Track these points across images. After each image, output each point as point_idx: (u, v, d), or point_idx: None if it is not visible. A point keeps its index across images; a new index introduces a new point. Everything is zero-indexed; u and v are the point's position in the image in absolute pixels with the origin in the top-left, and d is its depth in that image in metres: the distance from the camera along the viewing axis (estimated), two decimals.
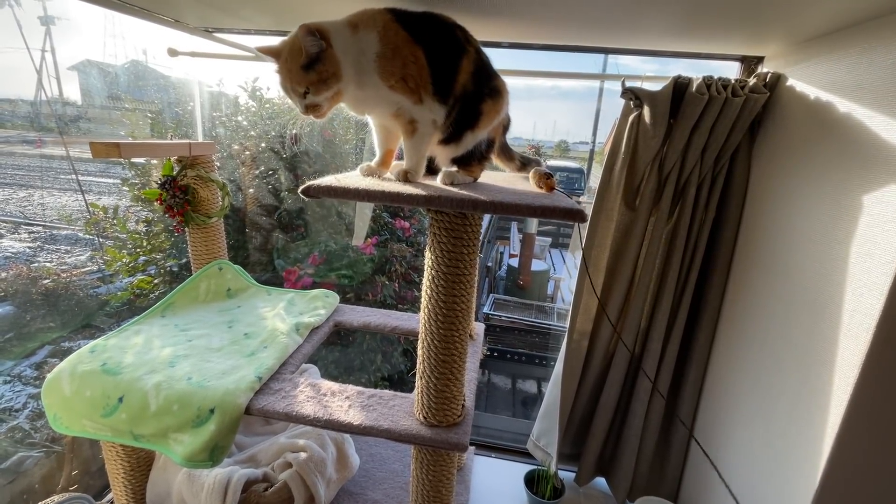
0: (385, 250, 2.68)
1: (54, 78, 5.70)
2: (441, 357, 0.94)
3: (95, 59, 5.71)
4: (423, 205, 0.83)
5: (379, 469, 1.50)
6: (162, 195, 1.30)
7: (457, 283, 0.90)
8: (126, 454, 1.16)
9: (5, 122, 7.50)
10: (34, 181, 8.36)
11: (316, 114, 0.88)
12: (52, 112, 6.38)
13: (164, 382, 1.01)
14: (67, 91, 5.30)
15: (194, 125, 2.08)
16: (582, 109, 13.83)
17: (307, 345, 1.26)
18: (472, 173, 1.00)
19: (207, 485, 1.12)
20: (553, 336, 4.41)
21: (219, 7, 1.23)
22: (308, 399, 1.03)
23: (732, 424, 1.24)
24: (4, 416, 2.64)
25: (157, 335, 1.21)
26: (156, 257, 2.64)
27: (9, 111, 6.55)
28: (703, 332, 1.37)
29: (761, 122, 1.23)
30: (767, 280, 1.15)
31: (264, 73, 2.46)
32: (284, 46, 0.83)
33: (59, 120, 5.89)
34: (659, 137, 1.24)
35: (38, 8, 5.07)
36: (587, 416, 1.53)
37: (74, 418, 1.02)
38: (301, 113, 0.88)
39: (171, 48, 1.49)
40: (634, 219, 1.35)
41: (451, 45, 0.89)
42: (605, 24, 1.11)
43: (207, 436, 0.95)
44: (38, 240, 6.46)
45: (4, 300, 3.59)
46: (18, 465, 2.51)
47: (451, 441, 0.94)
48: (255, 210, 2.32)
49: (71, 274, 4.42)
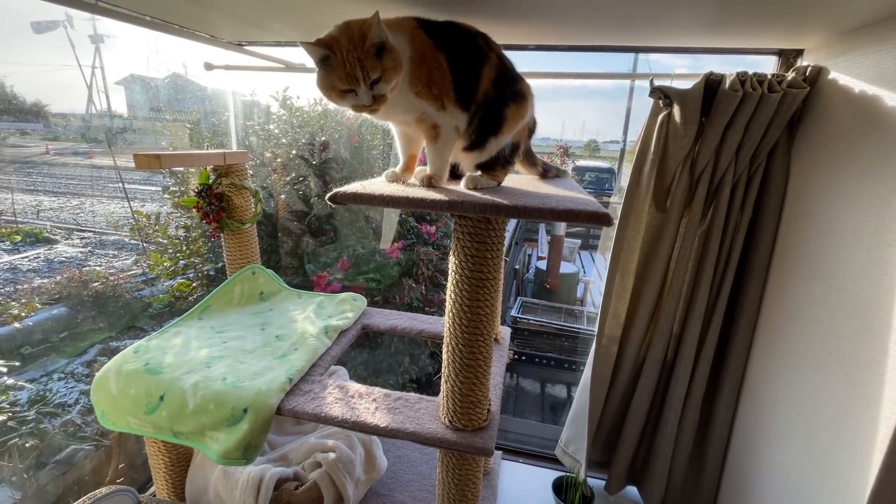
0: (412, 254, 2.71)
1: (103, 93, 6.05)
2: (466, 361, 0.94)
3: (139, 73, 6.03)
4: (446, 210, 0.83)
5: (406, 471, 1.52)
6: (199, 203, 1.36)
7: (481, 287, 0.90)
8: (167, 450, 1.22)
9: (60, 136, 8.03)
10: (85, 190, 8.90)
11: (377, 105, 0.82)
12: (102, 125, 6.78)
13: (201, 382, 1.06)
14: (115, 105, 5.60)
15: (229, 135, 2.17)
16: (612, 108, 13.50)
17: (336, 347, 1.28)
18: (496, 178, 1.00)
19: (242, 482, 1.16)
20: (582, 340, 4.32)
21: (250, 22, 1.28)
22: (336, 401, 1.05)
23: (772, 436, 1.19)
24: (58, 411, 2.82)
25: (194, 337, 1.26)
26: (194, 261, 2.76)
27: (63, 125, 7.01)
28: (739, 339, 1.31)
29: (801, 118, 1.17)
30: (810, 284, 1.09)
31: (294, 83, 2.54)
32: (341, 36, 0.78)
33: (108, 132, 6.25)
34: (690, 137, 1.20)
35: (88, 27, 5.40)
36: (617, 422, 1.50)
37: (120, 415, 1.08)
38: (362, 105, 0.82)
39: (207, 62, 1.56)
40: (665, 220, 1.31)
41: (473, 52, 0.90)
42: (633, 23, 1.09)
43: (241, 434, 0.98)
44: (88, 245, 6.87)
45: (59, 302, 3.83)
46: (71, 457, 2.67)
47: (477, 445, 0.94)
48: (286, 216, 2.39)
49: (118, 277, 4.68)
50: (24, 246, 5.98)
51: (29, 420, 2.30)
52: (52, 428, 2.59)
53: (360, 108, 0.84)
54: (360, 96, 0.80)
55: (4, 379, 2.21)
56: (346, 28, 0.79)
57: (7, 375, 2.20)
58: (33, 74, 5.19)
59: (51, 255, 6.17)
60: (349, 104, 0.83)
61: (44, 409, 2.63)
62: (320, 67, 0.81)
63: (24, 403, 2.38)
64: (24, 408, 2.34)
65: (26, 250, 6.00)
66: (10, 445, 2.23)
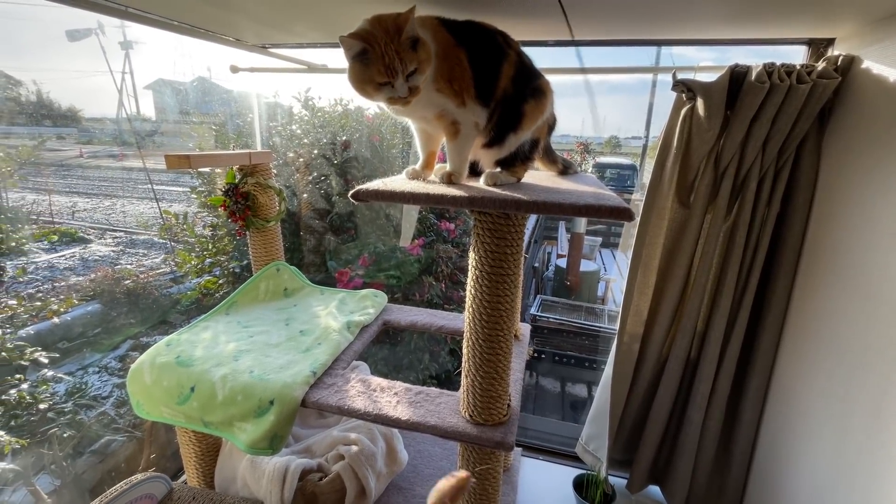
0: (431, 251, 2.72)
1: (132, 97, 6.29)
2: (486, 356, 0.94)
3: (167, 77, 6.24)
4: (466, 206, 0.84)
5: (427, 466, 1.53)
6: (226, 202, 1.41)
7: (501, 283, 0.90)
8: (197, 439, 1.26)
9: (93, 139, 8.36)
10: (116, 191, 9.25)
11: (412, 97, 0.83)
12: (132, 128, 7.03)
13: (229, 375, 1.09)
14: (143, 108, 5.82)
15: (253, 135, 2.22)
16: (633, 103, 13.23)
17: (358, 342, 1.31)
18: (516, 174, 1.00)
19: (268, 471, 1.20)
20: (603, 339, 4.27)
21: (274, 25, 1.32)
22: (359, 394, 1.07)
23: (802, 436, 1.16)
24: (93, 403, 2.95)
25: (222, 331, 1.31)
26: (220, 259, 2.84)
27: (98, 129, 7.29)
28: (766, 337, 1.28)
29: (832, 109, 1.13)
30: (843, 281, 1.05)
31: (315, 84, 2.59)
32: (375, 30, 0.79)
33: (137, 135, 6.48)
34: (714, 130, 1.18)
35: (118, 34, 5.61)
36: (639, 421, 1.48)
37: (154, 405, 1.13)
38: (399, 97, 0.82)
39: (233, 65, 1.61)
40: (688, 216, 1.29)
41: (492, 50, 0.91)
42: (658, 16, 1.08)
43: (268, 425, 1.02)
44: (120, 244, 7.15)
45: (93, 299, 4.00)
46: (105, 447, 2.79)
47: (497, 439, 0.95)
48: (308, 214, 2.44)
49: (148, 275, 4.86)
50: (61, 245, 6.27)
51: (66, 411, 2.41)
52: (88, 419, 2.71)
53: (395, 101, 0.84)
54: (397, 88, 0.81)
55: (45, 371, 2.33)
56: (379, 22, 0.79)
57: (48, 368, 2.32)
58: (67, 81, 5.43)
59: (85, 254, 6.45)
60: (384, 97, 0.84)
61: (80, 401, 2.76)
62: (356, 61, 0.81)
63: (61, 395, 2.50)
64: (62, 399, 2.47)
65: (62, 249, 6.29)
66: (50, 434, 2.34)
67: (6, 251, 2.58)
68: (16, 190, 4.39)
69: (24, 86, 4.97)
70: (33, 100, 5.03)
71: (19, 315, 2.30)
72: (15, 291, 3.13)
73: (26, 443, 2.10)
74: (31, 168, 2.56)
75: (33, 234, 3.22)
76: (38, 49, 4.16)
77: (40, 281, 4.67)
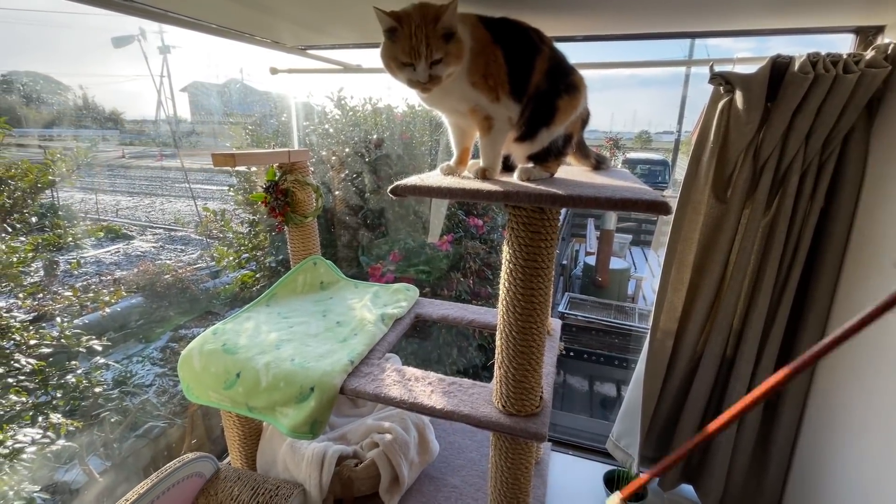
0: (460, 247, 2.75)
1: (170, 99, 6.56)
2: (520, 348, 0.96)
3: (201, 80, 6.47)
4: (501, 200, 0.86)
5: (457, 457, 1.56)
6: (267, 198, 1.47)
7: (535, 276, 0.92)
8: (241, 423, 1.33)
9: (134, 141, 8.72)
10: (155, 190, 9.67)
11: (431, 85, 0.85)
12: (171, 129, 7.32)
13: (272, 362, 1.15)
14: (179, 110, 6.11)
15: (290, 135, 2.30)
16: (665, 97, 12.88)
17: (392, 334, 1.35)
18: (549, 169, 1.01)
19: (307, 456, 1.26)
20: (633, 337, 4.20)
21: (311, 27, 1.37)
22: (394, 383, 1.11)
23: (846, 436, 1.12)
24: (138, 391, 3.13)
25: (263, 321, 1.37)
26: (257, 254, 2.95)
27: (137, 131, 7.61)
28: (808, 335, 1.25)
29: (881, 99, 1.09)
30: (893, 277, 1.02)
31: (348, 84, 2.66)
32: (414, 12, 0.81)
33: (175, 135, 6.74)
34: (754, 124, 1.16)
35: (157, 40, 5.88)
36: (672, 418, 1.47)
37: (203, 389, 1.20)
38: (417, 81, 0.85)
39: (273, 67, 1.67)
40: (725, 212, 1.26)
41: (526, 45, 0.92)
42: (696, 7, 1.06)
43: (309, 411, 1.06)
44: (160, 240, 7.49)
45: (137, 292, 4.23)
46: (149, 432, 2.96)
47: (530, 430, 0.97)
48: (342, 210, 2.51)
49: (186, 270, 5.09)
50: (106, 241, 6.63)
51: (113, 398, 2.57)
52: (133, 406, 2.88)
53: (414, 85, 0.86)
54: (417, 72, 0.83)
55: (97, 358, 2.48)
56: (421, 7, 0.83)
57: (100, 356, 2.47)
58: (110, 85, 5.70)
59: (129, 249, 6.80)
60: (405, 78, 0.86)
61: (125, 389, 2.93)
62: (386, 37, 0.85)
63: (109, 383, 2.66)
64: (110, 387, 2.63)
65: (108, 245, 6.65)
66: (102, 418, 2.50)
67: (62, 245, 2.76)
68: (65, 189, 4.66)
69: (71, 91, 5.27)
70: (80, 104, 5.35)
71: (74, 306, 2.46)
72: (69, 284, 3.34)
73: (81, 425, 2.26)
74: (82, 169, 2.73)
75: (87, 231, 3.43)
76: (85, 55, 4.42)
77: (89, 275, 4.96)
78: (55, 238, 2.20)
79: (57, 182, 2.02)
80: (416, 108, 3.20)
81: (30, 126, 3.52)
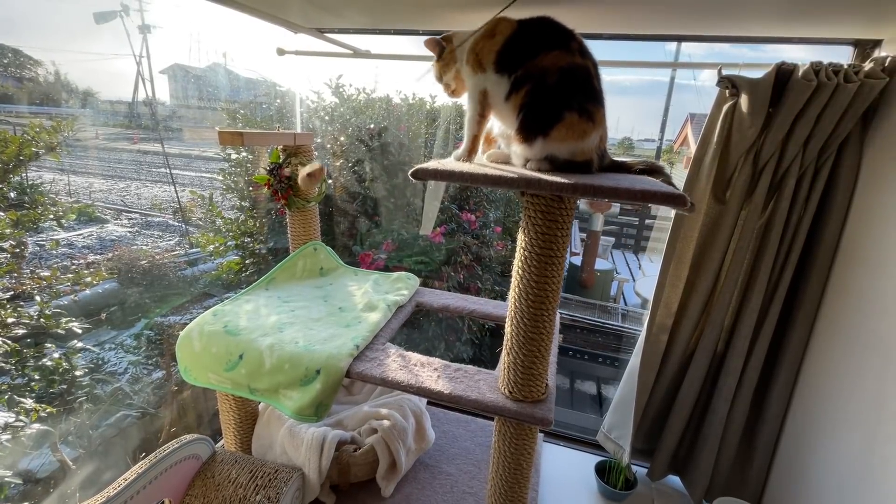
0: (453, 241, 2.76)
1: (149, 81, 6.35)
2: (530, 335, 0.98)
3: (183, 62, 6.28)
4: (522, 187, 0.87)
5: (452, 446, 1.58)
6: (270, 180, 1.45)
7: (549, 264, 0.93)
8: (238, 407, 1.31)
9: (109, 122, 8.40)
10: (131, 173, 9.33)
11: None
12: (150, 111, 7.08)
13: (276, 344, 1.13)
14: (159, 93, 5.94)
15: (294, 118, 2.26)
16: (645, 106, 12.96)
17: (394, 321, 1.34)
18: None
19: (307, 440, 1.24)
20: (617, 337, 4.29)
21: (325, 7, 1.35)
22: (400, 367, 1.11)
23: (829, 430, 1.18)
24: (110, 379, 3.03)
25: (263, 304, 1.35)
26: (245, 241, 2.89)
27: (111, 112, 7.32)
28: (796, 333, 1.30)
29: (877, 109, 1.15)
30: (879, 282, 1.07)
31: (347, 71, 2.63)
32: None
33: (154, 118, 6.52)
34: (756, 127, 1.20)
35: (138, 18, 5.69)
36: (663, 411, 1.51)
37: (202, 371, 1.17)
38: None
39: (279, 48, 1.64)
40: (724, 212, 1.31)
41: (551, 34, 0.91)
42: (707, 11, 1.10)
43: (314, 393, 1.06)
44: (135, 225, 7.24)
45: (110, 278, 4.08)
46: (121, 421, 2.87)
47: (537, 416, 0.98)
48: (340, 197, 2.48)
49: (163, 256, 4.94)
50: (79, 224, 6.37)
51: (84, 385, 2.47)
52: (105, 394, 2.78)
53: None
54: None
55: (75, 342, 2.39)
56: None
57: (78, 339, 2.38)
58: (88, 63, 5.50)
59: (102, 233, 6.55)
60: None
61: (97, 376, 2.83)
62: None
63: (85, 367, 2.56)
64: (82, 374, 2.53)
65: (81, 228, 6.39)
66: (76, 404, 2.41)
67: (30, 227, 2.63)
68: (34, 168, 4.46)
69: (43, 66, 5.04)
70: (51, 80, 5.12)
71: (52, 286, 2.36)
72: (44, 265, 3.19)
73: (55, 410, 2.17)
74: (63, 145, 2.62)
75: (60, 212, 3.30)
76: (65, 30, 4.26)
77: (59, 258, 4.76)
78: (36, 215, 2.11)
79: (40, 155, 1.93)
80: (409, 100, 3.20)
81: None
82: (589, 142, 0.90)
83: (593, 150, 0.92)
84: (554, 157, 0.91)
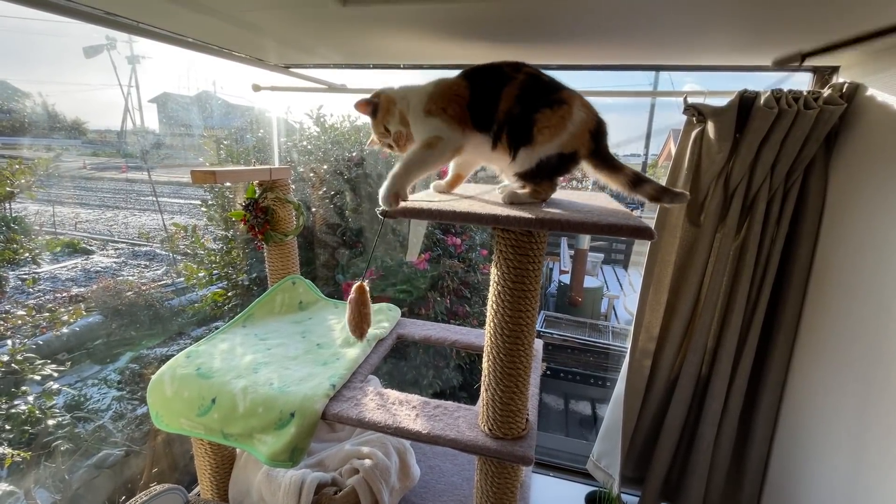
0: (437, 266, 2.75)
1: (138, 110, 6.38)
2: (507, 370, 0.96)
3: (172, 91, 6.32)
4: (491, 224, 0.87)
5: (438, 481, 1.53)
6: (246, 216, 1.44)
7: (522, 298, 0.93)
8: (213, 451, 1.27)
9: (98, 151, 8.38)
10: (119, 203, 9.27)
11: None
12: (137, 141, 7.08)
13: (249, 387, 1.10)
14: (148, 122, 5.96)
15: (271, 151, 2.26)
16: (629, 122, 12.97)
17: (374, 355, 1.32)
18: (539, 194, 0.97)
19: (284, 485, 1.20)
20: (608, 356, 4.27)
21: (298, 47, 1.36)
22: (378, 407, 1.09)
23: (815, 452, 1.17)
24: (92, 417, 2.92)
25: (239, 343, 1.32)
26: (228, 272, 2.85)
27: (102, 141, 7.32)
28: (778, 353, 1.30)
29: (838, 133, 1.18)
30: (854, 299, 1.08)
31: (327, 102, 2.65)
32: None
33: (143, 148, 6.52)
34: (724, 152, 1.22)
35: (127, 49, 5.74)
36: (651, 438, 1.49)
37: (173, 417, 1.13)
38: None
39: (255, 84, 1.66)
40: (699, 235, 1.32)
41: (494, 79, 0.94)
42: (666, 44, 1.13)
43: (288, 438, 1.02)
44: (122, 255, 7.14)
45: (94, 310, 3.99)
46: (103, 460, 2.76)
47: (517, 454, 0.96)
48: (320, 228, 2.47)
49: (150, 286, 4.85)
50: (63, 256, 6.26)
51: (65, 424, 2.39)
52: (86, 432, 2.68)
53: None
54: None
55: (51, 384, 2.32)
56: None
57: (54, 381, 2.31)
58: (77, 94, 5.47)
59: (87, 265, 6.44)
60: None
61: (78, 414, 2.74)
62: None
63: (60, 408, 2.47)
64: (61, 412, 2.44)
65: (65, 260, 6.28)
66: (52, 447, 2.32)
67: (16, 260, 2.58)
68: (19, 200, 4.40)
69: (30, 98, 5.04)
70: (39, 112, 5.12)
71: (26, 326, 2.30)
72: (20, 302, 3.12)
73: (29, 455, 2.09)
74: (42, 179, 2.59)
75: (44, 244, 3.25)
76: (54, 63, 4.27)
77: (42, 292, 4.66)
78: (10, 253, 2.06)
79: (16, 194, 1.90)
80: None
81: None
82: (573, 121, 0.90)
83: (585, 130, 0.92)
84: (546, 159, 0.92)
